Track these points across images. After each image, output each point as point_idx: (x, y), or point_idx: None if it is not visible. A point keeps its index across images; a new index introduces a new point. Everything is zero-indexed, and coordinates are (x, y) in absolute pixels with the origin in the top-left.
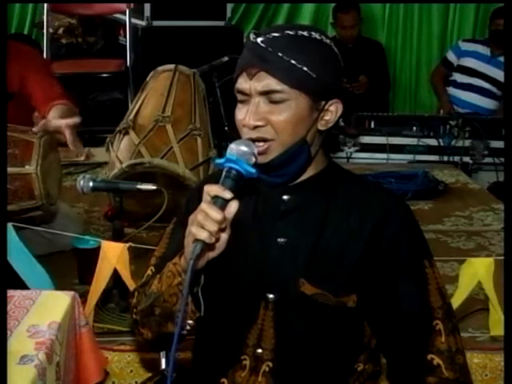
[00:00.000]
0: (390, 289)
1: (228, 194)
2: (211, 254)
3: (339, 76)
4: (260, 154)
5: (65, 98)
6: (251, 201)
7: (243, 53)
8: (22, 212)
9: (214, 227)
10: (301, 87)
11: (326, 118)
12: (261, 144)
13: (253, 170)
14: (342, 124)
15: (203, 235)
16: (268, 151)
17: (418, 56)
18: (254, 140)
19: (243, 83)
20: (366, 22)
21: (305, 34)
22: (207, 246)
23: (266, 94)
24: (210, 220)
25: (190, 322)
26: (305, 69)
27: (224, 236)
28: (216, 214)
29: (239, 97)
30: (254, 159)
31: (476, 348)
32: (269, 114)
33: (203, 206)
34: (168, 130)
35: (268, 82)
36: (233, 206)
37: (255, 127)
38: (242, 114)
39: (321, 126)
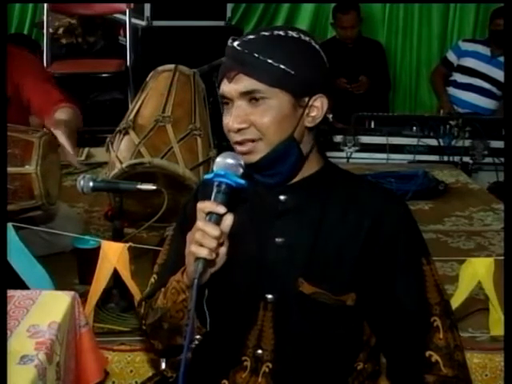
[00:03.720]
0: (388, 286)
1: (222, 209)
2: (213, 269)
3: (322, 71)
4: (246, 153)
5: (68, 101)
6: (248, 202)
7: (223, 59)
8: (21, 212)
9: (213, 244)
10: (280, 85)
11: (313, 114)
12: (248, 144)
13: (242, 181)
14: (331, 120)
15: (204, 253)
16: (254, 150)
17: (418, 56)
18: (240, 143)
19: (224, 87)
20: (366, 22)
21: (281, 33)
22: (208, 262)
23: (246, 94)
24: (208, 237)
25: (198, 336)
26: (282, 67)
27: (223, 249)
28: (213, 231)
29: (223, 101)
30: (241, 170)
31: (476, 348)
32: (251, 115)
33: (199, 224)
34: (168, 130)
35: (246, 83)
36: (228, 220)
37: (239, 130)
38: (227, 118)
39: (308, 123)
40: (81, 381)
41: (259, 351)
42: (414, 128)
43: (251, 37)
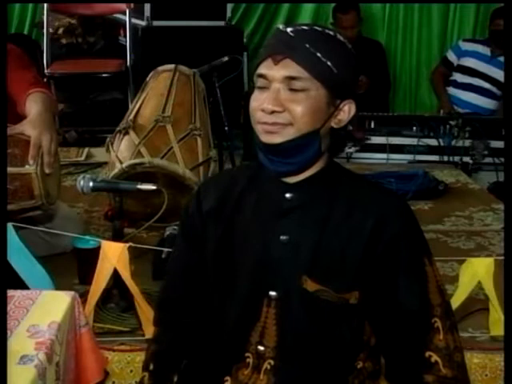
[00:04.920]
0: (390, 286)
1: None
2: None
3: (356, 79)
4: (271, 133)
5: (39, 85)
6: (251, 200)
7: (269, 41)
8: (21, 211)
9: None
10: (323, 79)
11: (339, 117)
12: (277, 126)
13: None
14: (350, 128)
15: None
16: (281, 132)
17: (418, 56)
18: (269, 124)
19: (267, 68)
20: (366, 22)
21: (331, 33)
22: None
23: (288, 80)
24: None
25: None
26: (328, 63)
27: None
28: None
29: (260, 82)
30: None
31: (476, 348)
32: (288, 101)
33: None
34: (168, 130)
35: (292, 68)
36: None
37: (272, 112)
38: (260, 100)
39: (334, 124)
40: (81, 381)
41: (261, 348)
42: (414, 128)
43: (305, 27)
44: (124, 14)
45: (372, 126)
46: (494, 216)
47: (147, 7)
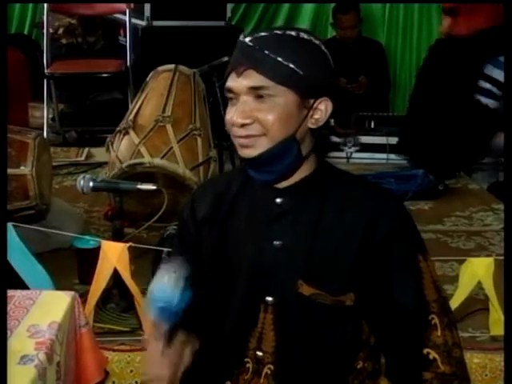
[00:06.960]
0: (385, 284)
1: None
2: None
3: (328, 75)
4: (247, 147)
5: None
6: (245, 205)
7: (233, 53)
8: (15, 212)
9: None
10: (287, 83)
11: (316, 116)
12: (250, 139)
13: (182, 304)
14: (332, 124)
15: None
16: (256, 145)
17: (418, 56)
18: (242, 137)
19: (231, 81)
20: (366, 22)
21: (293, 33)
22: None
23: (252, 90)
24: None
25: None
26: (291, 66)
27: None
28: None
29: (229, 96)
30: (182, 282)
31: (476, 348)
32: (256, 111)
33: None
34: (168, 130)
35: (254, 78)
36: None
37: (243, 125)
38: (231, 113)
39: (311, 125)
40: (81, 381)
41: (260, 353)
42: None
43: (263, 34)
44: (124, 13)
45: (372, 125)
46: (494, 216)
47: (147, 7)
